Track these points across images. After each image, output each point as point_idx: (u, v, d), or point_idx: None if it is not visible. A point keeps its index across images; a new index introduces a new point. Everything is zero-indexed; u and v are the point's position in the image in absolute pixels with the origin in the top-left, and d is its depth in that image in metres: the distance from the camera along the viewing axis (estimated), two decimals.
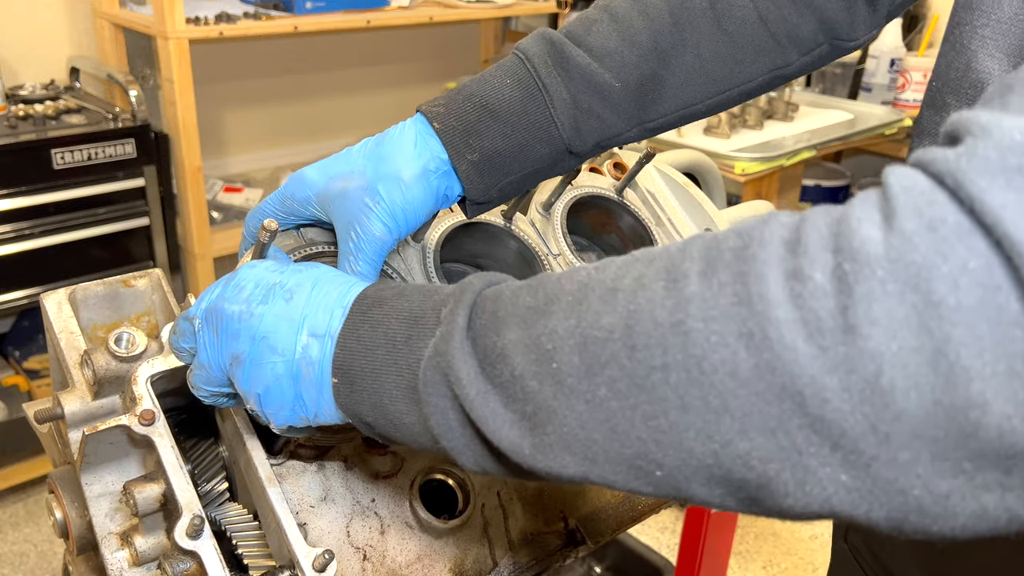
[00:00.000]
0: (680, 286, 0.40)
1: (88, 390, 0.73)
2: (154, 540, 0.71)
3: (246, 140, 2.85)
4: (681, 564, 1.61)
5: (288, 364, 0.57)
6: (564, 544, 0.85)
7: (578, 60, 0.71)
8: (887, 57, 2.85)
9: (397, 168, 0.69)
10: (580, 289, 0.45)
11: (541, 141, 0.71)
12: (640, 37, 0.73)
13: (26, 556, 2.20)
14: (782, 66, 0.77)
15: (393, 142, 0.70)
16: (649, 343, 0.40)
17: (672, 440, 0.41)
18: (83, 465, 0.72)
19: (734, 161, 2.23)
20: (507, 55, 0.74)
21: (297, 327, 0.57)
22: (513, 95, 0.71)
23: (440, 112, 0.70)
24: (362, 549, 0.75)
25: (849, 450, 0.36)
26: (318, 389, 0.56)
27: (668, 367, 0.40)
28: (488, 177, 0.71)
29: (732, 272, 0.39)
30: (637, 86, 0.73)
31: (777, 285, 0.37)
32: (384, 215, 0.68)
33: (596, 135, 0.74)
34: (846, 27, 0.77)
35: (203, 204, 2.30)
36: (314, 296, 0.58)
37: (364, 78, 3.04)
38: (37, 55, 2.40)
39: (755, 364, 0.37)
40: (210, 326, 0.61)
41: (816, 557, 2.30)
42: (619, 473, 0.44)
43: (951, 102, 0.62)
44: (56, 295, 0.79)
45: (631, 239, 0.93)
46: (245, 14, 2.31)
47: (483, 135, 0.70)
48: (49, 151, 2.01)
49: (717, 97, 0.77)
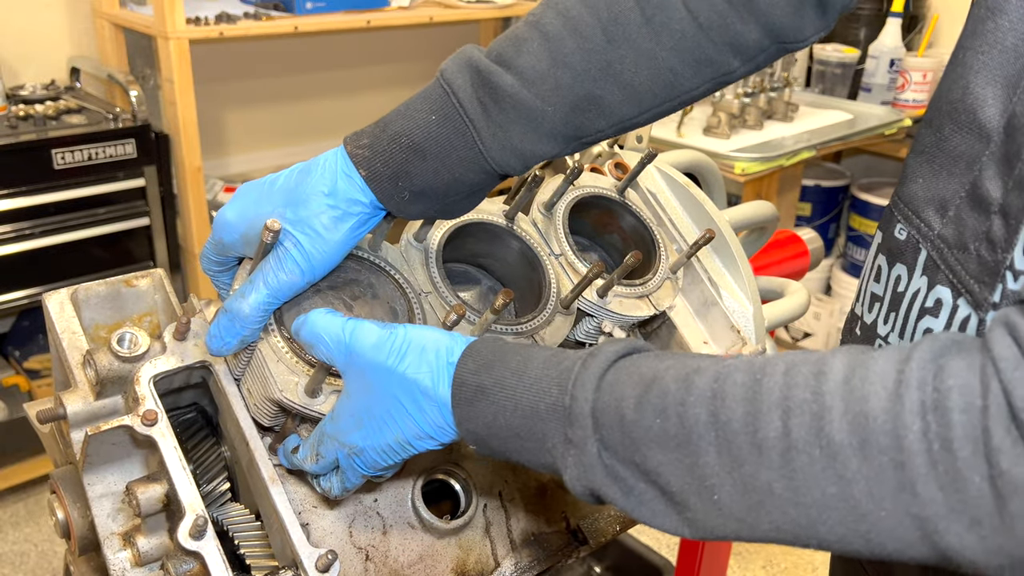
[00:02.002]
0: (840, 461, 0.47)
1: (90, 390, 0.73)
2: (157, 540, 0.71)
3: (246, 140, 2.85)
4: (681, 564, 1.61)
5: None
6: (566, 544, 0.85)
7: (507, 89, 0.68)
8: (887, 57, 2.85)
9: (317, 214, 0.68)
10: (719, 427, 0.51)
11: (472, 171, 0.70)
12: (572, 59, 0.69)
13: (27, 556, 2.20)
14: (725, 73, 0.74)
15: (313, 184, 0.69)
16: (813, 503, 0.48)
17: (840, 550, 0.50)
18: (85, 465, 0.72)
19: (734, 161, 2.23)
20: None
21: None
22: (440, 132, 0.68)
23: (366, 156, 0.69)
24: (364, 549, 0.75)
25: None
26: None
27: (838, 522, 0.48)
28: (422, 204, 0.71)
29: (891, 460, 0.45)
30: (571, 108, 0.70)
31: (935, 481, 0.45)
32: (300, 260, 0.68)
33: (529, 159, 0.71)
34: (793, 30, 0.74)
35: (203, 204, 2.30)
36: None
37: (364, 78, 3.04)
38: (37, 55, 2.40)
39: (921, 535, 0.46)
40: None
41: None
42: None
43: (945, 122, 0.62)
44: (58, 295, 0.79)
45: (633, 239, 0.93)
46: (245, 14, 2.31)
47: (412, 176, 0.69)
48: (49, 151, 2.01)
49: (656, 108, 0.74)
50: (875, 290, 0.71)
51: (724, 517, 0.52)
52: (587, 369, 0.57)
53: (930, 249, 0.63)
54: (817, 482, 0.47)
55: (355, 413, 0.65)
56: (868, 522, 0.47)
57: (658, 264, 0.89)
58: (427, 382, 0.62)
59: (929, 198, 0.63)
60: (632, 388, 0.55)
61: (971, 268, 0.59)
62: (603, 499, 0.57)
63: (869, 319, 0.71)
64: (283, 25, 2.30)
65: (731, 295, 0.94)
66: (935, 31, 3.07)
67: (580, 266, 0.84)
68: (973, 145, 0.59)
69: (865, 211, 3.13)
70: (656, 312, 0.87)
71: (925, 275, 0.64)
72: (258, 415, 0.73)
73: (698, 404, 0.52)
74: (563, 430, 0.57)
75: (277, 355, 0.70)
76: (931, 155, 0.64)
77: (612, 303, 0.84)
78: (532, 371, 0.60)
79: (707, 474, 0.51)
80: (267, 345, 0.70)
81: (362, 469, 0.67)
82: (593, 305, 0.83)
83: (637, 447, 0.54)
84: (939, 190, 0.62)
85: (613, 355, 0.58)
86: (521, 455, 0.60)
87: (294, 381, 0.69)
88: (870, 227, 3.11)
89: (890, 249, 0.68)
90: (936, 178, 0.63)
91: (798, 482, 0.48)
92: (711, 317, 0.94)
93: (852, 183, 3.23)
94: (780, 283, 1.09)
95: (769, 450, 0.49)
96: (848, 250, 3.24)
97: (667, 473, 0.53)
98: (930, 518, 0.45)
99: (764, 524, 0.50)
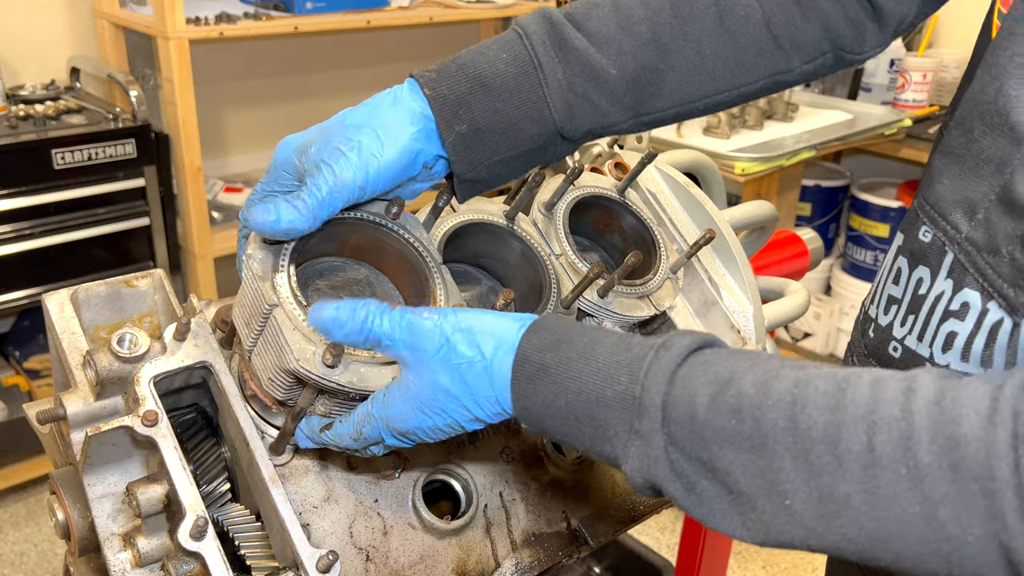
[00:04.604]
0: (928, 483, 0.46)
1: (90, 391, 0.73)
2: (157, 541, 0.71)
3: (246, 140, 2.85)
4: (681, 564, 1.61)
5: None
6: (566, 544, 0.85)
7: (576, 43, 0.70)
8: (887, 57, 2.85)
9: (378, 119, 0.68)
10: (798, 434, 0.49)
11: (532, 121, 0.70)
12: (639, 27, 0.72)
13: (26, 556, 2.20)
14: (784, 71, 0.76)
15: (379, 99, 0.70)
16: (894, 519, 0.47)
17: (901, 570, 0.49)
18: (85, 466, 0.72)
19: (734, 161, 2.23)
20: None
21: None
22: (508, 71, 0.69)
23: (432, 78, 0.69)
24: (365, 550, 0.75)
25: None
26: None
27: (916, 542, 0.47)
28: (475, 151, 0.70)
29: (982, 487, 0.45)
30: (634, 76, 0.72)
31: (1022, 513, 0.44)
32: (355, 160, 0.67)
33: (589, 121, 0.73)
34: (851, 40, 0.76)
35: (203, 204, 2.30)
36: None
37: (364, 78, 3.04)
38: (37, 55, 2.40)
39: (1006, 563, 0.45)
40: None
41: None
42: None
43: (976, 124, 0.61)
44: (58, 295, 0.79)
45: (633, 239, 0.93)
46: (245, 14, 2.31)
47: (473, 107, 0.69)
48: (49, 151, 2.01)
49: (716, 96, 0.76)
50: (893, 292, 0.70)
51: (793, 524, 0.50)
52: (659, 360, 0.55)
53: (957, 252, 0.62)
54: (900, 500, 0.47)
55: (408, 400, 0.63)
56: (952, 544, 0.46)
57: (658, 264, 0.89)
58: (484, 362, 0.60)
59: (956, 200, 0.62)
60: (706, 386, 0.54)
61: (1004, 272, 0.58)
62: (662, 493, 0.55)
63: (884, 321, 0.71)
64: (283, 25, 2.30)
65: (731, 295, 0.93)
66: (935, 31, 3.07)
67: (580, 266, 0.84)
68: (1005, 147, 0.58)
69: (865, 211, 3.13)
70: (656, 312, 0.87)
71: (951, 278, 0.63)
72: (271, 388, 0.70)
73: (776, 409, 0.50)
74: (629, 420, 0.55)
75: (293, 323, 0.66)
76: (959, 156, 0.63)
77: (613, 303, 0.84)
78: (600, 355, 0.58)
79: (781, 479, 0.50)
80: (282, 312, 0.67)
81: (406, 444, 0.67)
82: (594, 305, 0.83)
83: (707, 445, 0.52)
84: (967, 192, 0.61)
85: (687, 348, 0.56)
86: (577, 439, 0.59)
87: (311, 350, 0.65)
88: (870, 227, 3.11)
89: (912, 251, 0.67)
90: (964, 180, 0.62)
91: (880, 498, 0.47)
92: (711, 317, 0.94)
93: (852, 183, 3.23)
94: (780, 283, 1.09)
95: (851, 463, 0.48)
96: (848, 250, 3.23)
97: (738, 473, 0.51)
98: (1017, 549, 0.44)
99: (835, 534, 0.49)
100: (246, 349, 0.72)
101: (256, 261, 0.69)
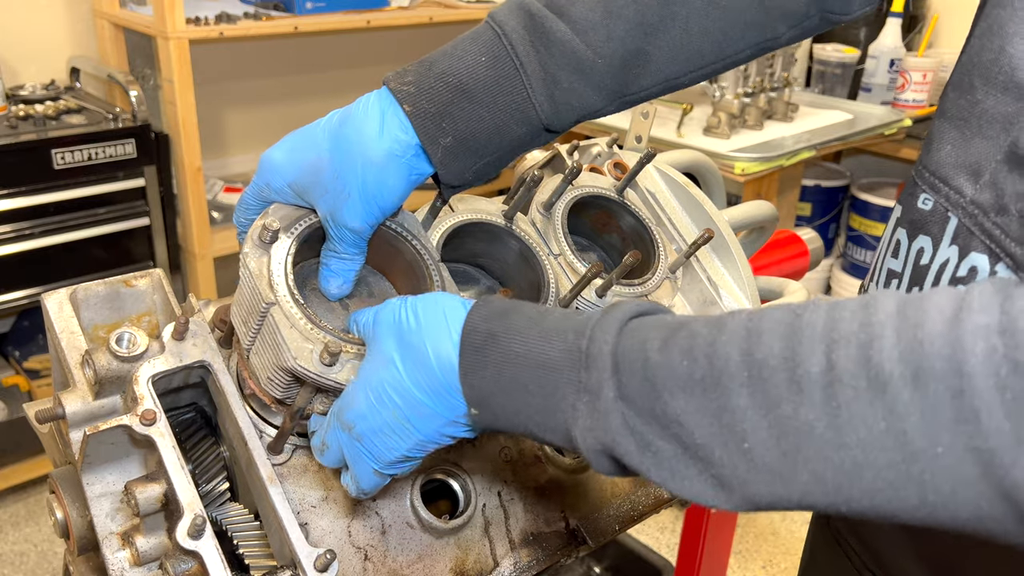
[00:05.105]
0: (891, 393, 0.42)
1: (89, 390, 0.73)
2: (155, 540, 0.71)
3: (246, 140, 2.85)
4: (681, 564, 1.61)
5: None
6: (565, 544, 0.85)
7: (559, 35, 0.68)
8: (887, 57, 2.85)
9: (363, 153, 0.66)
10: (753, 366, 0.46)
11: (518, 122, 0.69)
12: (626, 11, 0.69)
13: (26, 556, 2.20)
14: (770, 38, 0.75)
15: (357, 123, 0.67)
16: (859, 442, 0.43)
17: (880, 514, 0.45)
18: (84, 465, 0.72)
19: (734, 161, 2.23)
20: None
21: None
22: (489, 75, 0.67)
23: (411, 93, 0.67)
24: (363, 549, 0.75)
25: None
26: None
27: (886, 466, 0.43)
28: (462, 160, 0.69)
29: (948, 386, 0.41)
30: (621, 61, 0.70)
31: (1002, 409, 0.40)
32: (356, 206, 0.67)
33: (575, 113, 0.71)
34: (839, 1, 0.75)
35: (203, 204, 2.30)
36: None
37: (364, 78, 3.04)
38: (37, 55, 2.40)
39: (982, 472, 0.41)
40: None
41: None
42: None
43: (978, 84, 0.60)
44: (57, 295, 0.79)
45: (632, 239, 0.93)
46: (245, 14, 2.31)
47: (457, 118, 0.67)
48: (49, 151, 2.01)
49: (702, 70, 0.74)
50: (892, 266, 0.69)
51: (755, 470, 0.47)
52: (608, 315, 0.53)
53: (962, 216, 0.61)
54: (864, 419, 0.43)
55: (358, 381, 0.62)
56: (922, 461, 0.42)
57: (657, 264, 0.89)
58: (433, 336, 0.59)
59: (959, 164, 0.61)
60: (658, 331, 0.51)
61: (1012, 230, 0.57)
62: (617, 457, 0.52)
63: None
64: (283, 25, 2.30)
65: (730, 295, 0.93)
66: (935, 31, 3.07)
67: (579, 266, 0.84)
68: (1010, 105, 0.57)
69: (865, 211, 3.13)
70: None
71: (955, 244, 0.61)
72: (270, 387, 0.70)
73: (730, 343, 0.47)
74: (577, 376, 0.52)
75: (290, 321, 0.66)
76: (961, 119, 0.62)
77: (611, 303, 0.84)
78: (549, 321, 0.56)
79: (737, 420, 0.46)
80: (279, 311, 0.67)
81: (368, 459, 0.63)
82: (592, 305, 0.83)
83: (659, 394, 0.49)
84: (971, 155, 0.60)
85: (636, 308, 0.54)
86: (527, 417, 0.55)
87: (308, 348, 0.66)
88: (870, 227, 3.11)
89: (912, 221, 0.66)
90: (967, 143, 0.61)
91: (842, 420, 0.43)
92: None
93: (852, 183, 3.23)
94: (780, 283, 1.09)
95: (810, 386, 0.44)
96: (848, 250, 3.24)
97: (690, 422, 0.48)
98: (995, 450, 0.40)
99: (802, 474, 0.45)
100: (244, 348, 0.72)
101: (253, 260, 0.69)
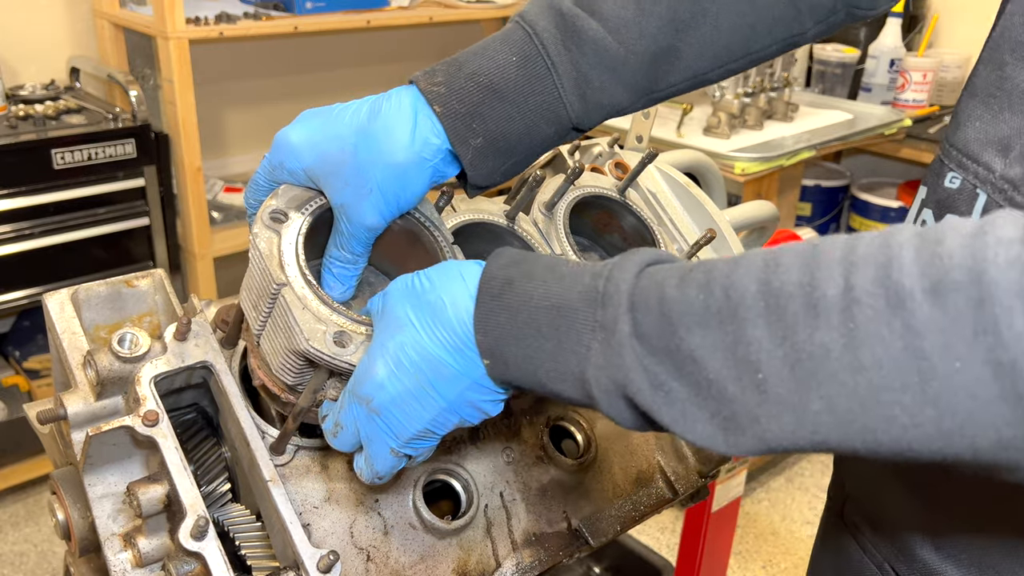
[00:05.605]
0: (909, 308, 0.41)
1: (91, 391, 0.73)
2: (157, 541, 0.71)
3: (246, 140, 2.85)
4: (681, 564, 1.61)
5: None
6: (567, 544, 0.85)
7: (591, 34, 0.67)
8: (887, 57, 2.85)
9: (391, 153, 0.65)
10: (770, 295, 0.45)
11: (548, 121, 0.68)
12: (659, 7, 0.69)
13: (26, 556, 2.20)
14: (797, 34, 0.75)
15: (387, 121, 0.67)
16: (875, 363, 0.42)
17: (895, 448, 0.43)
18: (86, 466, 0.72)
19: (734, 161, 2.23)
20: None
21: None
22: (520, 75, 0.67)
23: (441, 93, 0.67)
24: (365, 550, 0.75)
25: None
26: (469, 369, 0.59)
27: (902, 388, 0.41)
28: (492, 161, 0.68)
29: (968, 297, 0.39)
30: (651, 58, 0.70)
31: (1023, 316, 0.38)
32: (377, 203, 0.66)
33: (604, 111, 0.71)
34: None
35: (203, 204, 2.30)
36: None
37: (364, 78, 3.04)
38: (37, 55, 2.40)
39: (1001, 389, 0.39)
40: None
41: None
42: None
43: (1008, 59, 0.60)
44: (59, 295, 0.79)
45: (633, 239, 0.93)
46: (245, 14, 2.31)
47: (487, 118, 0.66)
48: (49, 151, 2.01)
49: (729, 66, 0.74)
50: None
51: (768, 402, 0.45)
52: (627, 259, 0.53)
53: (991, 192, 0.60)
54: (881, 338, 0.41)
55: (372, 349, 0.61)
56: (939, 379, 0.40)
57: None
58: (450, 291, 0.58)
59: (988, 140, 0.61)
60: (676, 272, 0.50)
61: None
62: (629, 396, 0.51)
63: None
64: (283, 25, 2.30)
65: None
66: (935, 31, 3.07)
67: None
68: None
69: (865, 211, 3.13)
70: None
71: None
72: (282, 372, 0.69)
73: (747, 275, 0.46)
74: (592, 314, 0.52)
75: (303, 302, 0.65)
76: (990, 94, 0.61)
77: None
78: (565, 268, 0.56)
79: (752, 351, 0.45)
80: (291, 292, 0.66)
81: (387, 435, 0.61)
82: None
83: (675, 329, 0.48)
84: (1000, 130, 0.60)
85: (656, 255, 0.54)
86: (539, 364, 0.55)
87: (321, 330, 0.64)
88: (870, 227, 3.11)
89: (939, 200, 0.65)
90: (996, 119, 0.60)
91: (859, 340, 0.42)
92: None
93: (852, 183, 3.23)
94: None
95: (827, 309, 0.43)
96: None
97: (705, 357, 0.47)
98: (1016, 361, 0.38)
99: (815, 403, 0.44)
100: (254, 333, 0.70)
101: (263, 240, 0.68)
